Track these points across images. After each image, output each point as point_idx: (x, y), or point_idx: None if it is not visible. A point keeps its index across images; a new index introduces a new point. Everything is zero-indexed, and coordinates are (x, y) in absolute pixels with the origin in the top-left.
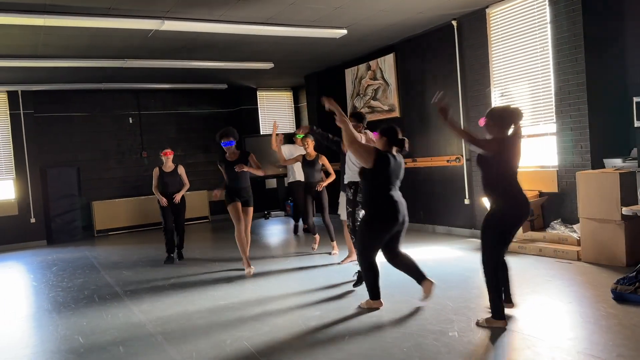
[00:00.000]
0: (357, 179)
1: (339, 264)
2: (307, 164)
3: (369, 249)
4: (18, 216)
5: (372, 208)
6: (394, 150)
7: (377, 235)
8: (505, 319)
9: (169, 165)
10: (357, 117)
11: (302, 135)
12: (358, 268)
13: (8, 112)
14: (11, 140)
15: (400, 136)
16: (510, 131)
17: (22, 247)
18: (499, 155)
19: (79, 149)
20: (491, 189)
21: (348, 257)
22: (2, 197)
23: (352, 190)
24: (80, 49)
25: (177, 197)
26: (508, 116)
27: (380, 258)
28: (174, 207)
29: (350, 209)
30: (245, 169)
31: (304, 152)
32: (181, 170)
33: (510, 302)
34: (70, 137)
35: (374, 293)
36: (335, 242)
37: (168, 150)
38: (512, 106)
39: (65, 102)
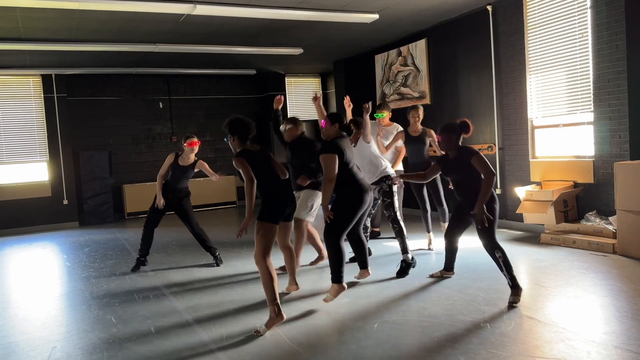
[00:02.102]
0: (387, 172)
1: (310, 265)
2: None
3: (340, 230)
4: (51, 197)
5: (343, 192)
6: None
7: (349, 216)
8: None
9: (190, 158)
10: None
11: (382, 115)
12: (401, 257)
13: (42, 95)
14: (45, 123)
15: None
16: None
17: (55, 227)
18: None
19: (110, 132)
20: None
21: (318, 258)
22: (36, 178)
23: (388, 183)
24: (113, 33)
25: (161, 203)
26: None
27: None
28: (178, 211)
29: (389, 200)
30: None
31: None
32: (201, 164)
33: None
34: (102, 121)
35: (337, 276)
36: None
37: (195, 140)
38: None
39: (97, 86)
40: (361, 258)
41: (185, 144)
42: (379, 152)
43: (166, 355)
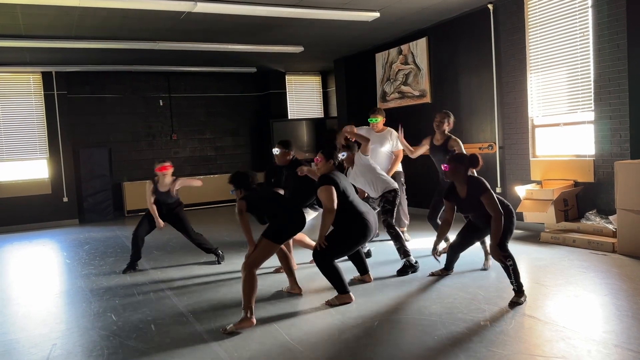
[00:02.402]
0: (391, 187)
1: (310, 262)
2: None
3: (334, 257)
4: (51, 195)
5: (345, 226)
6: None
7: (347, 249)
8: None
9: (166, 183)
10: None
11: (376, 120)
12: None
13: (42, 92)
14: (45, 121)
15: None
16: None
17: (54, 225)
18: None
19: (110, 130)
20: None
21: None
22: (36, 176)
23: (392, 194)
24: (113, 31)
25: (160, 225)
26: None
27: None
28: (173, 223)
29: (389, 207)
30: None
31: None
32: (182, 183)
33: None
34: (102, 118)
35: (342, 288)
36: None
37: (167, 164)
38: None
39: (97, 84)
40: (360, 265)
41: (156, 170)
42: (377, 166)
43: (166, 353)
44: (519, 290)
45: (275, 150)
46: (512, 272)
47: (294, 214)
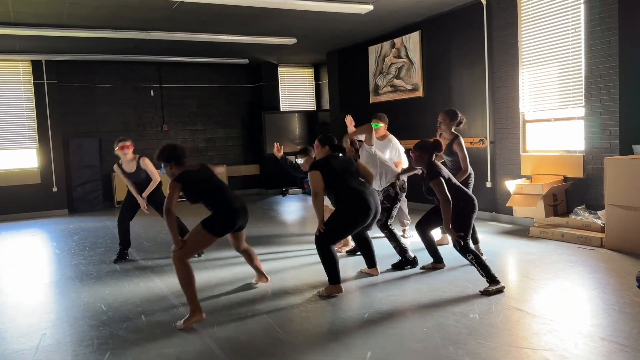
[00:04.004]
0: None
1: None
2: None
3: (335, 240)
4: (40, 185)
5: (344, 206)
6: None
7: (347, 229)
8: None
9: (128, 161)
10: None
11: (377, 125)
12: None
13: (32, 81)
14: (35, 110)
15: (336, 142)
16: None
17: (44, 215)
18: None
19: (100, 120)
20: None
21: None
22: (25, 165)
23: (395, 189)
24: (105, 20)
25: (143, 204)
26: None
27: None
28: (153, 204)
29: (388, 205)
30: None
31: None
32: (145, 163)
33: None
34: (93, 108)
35: (335, 277)
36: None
37: (127, 143)
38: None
39: (88, 73)
40: (368, 257)
41: (116, 148)
42: (387, 160)
43: (157, 343)
44: (491, 281)
45: (300, 161)
46: (476, 265)
47: (237, 206)
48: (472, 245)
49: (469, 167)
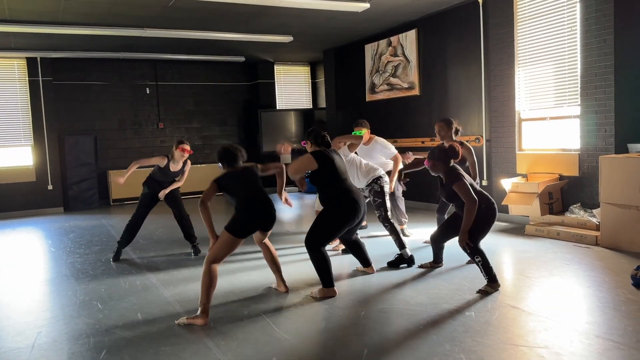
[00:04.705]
0: (378, 174)
1: None
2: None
3: (325, 240)
4: (36, 183)
5: (333, 204)
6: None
7: (337, 229)
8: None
9: (178, 162)
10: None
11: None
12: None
13: (27, 78)
14: (30, 107)
15: (322, 135)
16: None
17: (39, 213)
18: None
19: (96, 117)
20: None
21: None
22: (20, 163)
23: (379, 183)
24: (100, 17)
25: (163, 193)
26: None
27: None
28: (169, 196)
29: (380, 200)
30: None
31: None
32: (188, 168)
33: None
34: (88, 106)
35: (328, 280)
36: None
37: (188, 147)
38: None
39: (83, 70)
40: (362, 258)
41: (176, 149)
42: (362, 160)
43: (153, 341)
44: (490, 281)
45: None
46: (481, 267)
47: (259, 208)
48: (481, 247)
49: (477, 173)
